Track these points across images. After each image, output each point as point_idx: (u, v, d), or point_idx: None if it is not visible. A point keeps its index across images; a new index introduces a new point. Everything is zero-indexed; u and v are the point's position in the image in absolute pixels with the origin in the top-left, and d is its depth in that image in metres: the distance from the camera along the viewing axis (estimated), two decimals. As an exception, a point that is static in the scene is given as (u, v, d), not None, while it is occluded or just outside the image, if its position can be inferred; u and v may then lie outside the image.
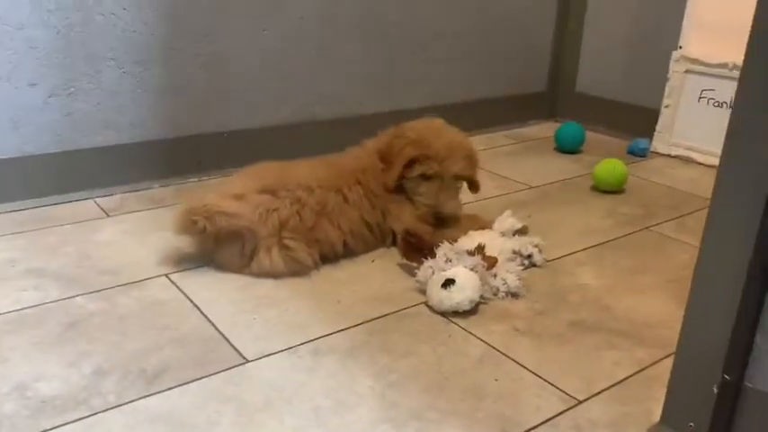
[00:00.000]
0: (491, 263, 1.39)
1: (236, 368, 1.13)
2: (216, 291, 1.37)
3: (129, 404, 1.03)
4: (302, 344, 1.20)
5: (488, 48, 2.54)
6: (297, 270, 1.44)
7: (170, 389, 1.07)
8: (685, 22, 2.30)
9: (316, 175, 1.53)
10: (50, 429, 0.97)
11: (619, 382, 1.13)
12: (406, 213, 1.56)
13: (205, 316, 1.28)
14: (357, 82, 2.23)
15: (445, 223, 1.57)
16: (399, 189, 1.58)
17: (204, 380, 1.10)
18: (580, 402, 1.08)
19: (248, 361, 1.15)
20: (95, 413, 1.01)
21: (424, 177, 1.56)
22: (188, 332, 1.23)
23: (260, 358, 1.16)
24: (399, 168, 1.55)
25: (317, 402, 1.05)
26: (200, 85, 1.92)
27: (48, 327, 1.22)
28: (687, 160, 2.33)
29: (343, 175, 1.55)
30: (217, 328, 1.24)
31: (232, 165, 1.95)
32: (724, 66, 2.22)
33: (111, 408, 1.02)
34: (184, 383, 1.08)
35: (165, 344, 1.19)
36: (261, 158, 1.60)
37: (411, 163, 1.54)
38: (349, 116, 2.23)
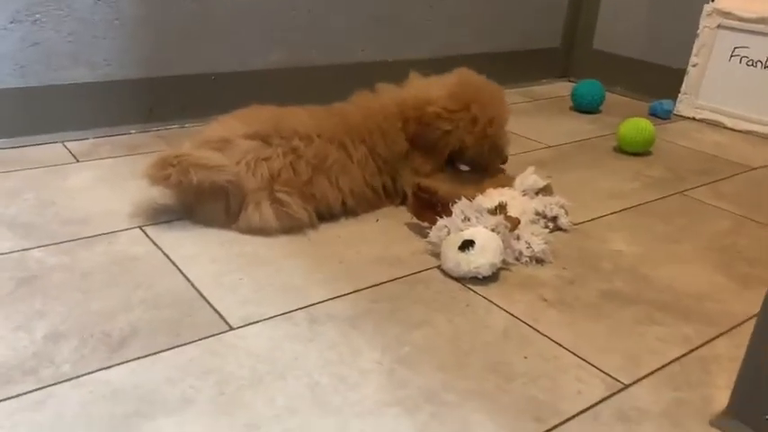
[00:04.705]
0: (514, 223, 1.21)
1: (217, 336, 0.95)
2: (197, 246, 1.19)
3: (87, 376, 0.85)
4: (297, 309, 1.03)
5: (501, -3, 2.34)
6: (291, 227, 1.26)
7: (137, 359, 0.89)
8: (720, -27, 2.11)
9: (317, 123, 1.34)
10: (-15, 406, 0.80)
11: (667, 364, 0.97)
12: (424, 171, 1.38)
13: (183, 274, 1.10)
14: (359, 26, 2.02)
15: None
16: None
17: (179, 349, 0.92)
18: (626, 387, 0.91)
19: (233, 328, 0.97)
20: (43, 386, 0.83)
21: None
22: (163, 292, 1.04)
23: (247, 325, 0.98)
24: (440, 161, 1.40)
25: (315, 379, 0.88)
26: (186, 19, 1.71)
27: (-3, 282, 1.04)
28: (714, 124, 2.15)
29: (348, 128, 1.36)
30: (196, 289, 1.06)
31: (219, 110, 1.73)
32: (762, 21, 2.03)
33: (64, 380, 0.84)
34: (155, 353, 0.91)
35: (135, 305, 1.01)
36: (251, 104, 1.40)
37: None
38: (348, 63, 2.03)
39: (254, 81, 1.84)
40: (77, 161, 1.52)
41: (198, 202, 1.25)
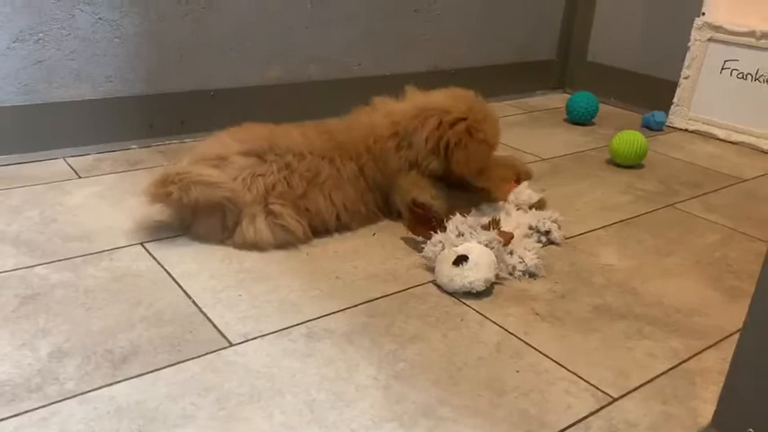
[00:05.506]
0: (507, 238, 1.24)
1: (217, 352, 0.98)
2: (197, 263, 1.22)
3: (91, 393, 0.88)
4: (295, 325, 1.05)
5: (496, 10, 2.37)
6: (286, 241, 1.29)
7: (139, 375, 0.92)
8: (710, -13, 2.15)
9: (308, 141, 1.37)
10: (-7, 423, 0.82)
11: (656, 377, 0.99)
12: (419, 186, 1.39)
13: (184, 291, 1.12)
14: (356, 41, 2.05)
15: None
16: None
17: (180, 365, 0.94)
18: (615, 400, 0.94)
19: (232, 344, 1.00)
20: (50, 403, 0.85)
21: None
22: (163, 309, 1.07)
23: (245, 341, 1.01)
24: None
25: (312, 395, 0.91)
26: (185, 36, 1.74)
27: (1, 300, 1.06)
28: (706, 135, 2.18)
29: (336, 144, 1.38)
30: (197, 305, 1.09)
31: (217, 126, 1.76)
32: (751, 34, 2.06)
33: (69, 397, 0.87)
34: (156, 369, 0.93)
35: (136, 322, 1.03)
36: (249, 120, 1.43)
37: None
38: (346, 78, 2.06)
39: (253, 97, 1.87)
40: (79, 177, 1.55)
41: (195, 218, 1.28)
